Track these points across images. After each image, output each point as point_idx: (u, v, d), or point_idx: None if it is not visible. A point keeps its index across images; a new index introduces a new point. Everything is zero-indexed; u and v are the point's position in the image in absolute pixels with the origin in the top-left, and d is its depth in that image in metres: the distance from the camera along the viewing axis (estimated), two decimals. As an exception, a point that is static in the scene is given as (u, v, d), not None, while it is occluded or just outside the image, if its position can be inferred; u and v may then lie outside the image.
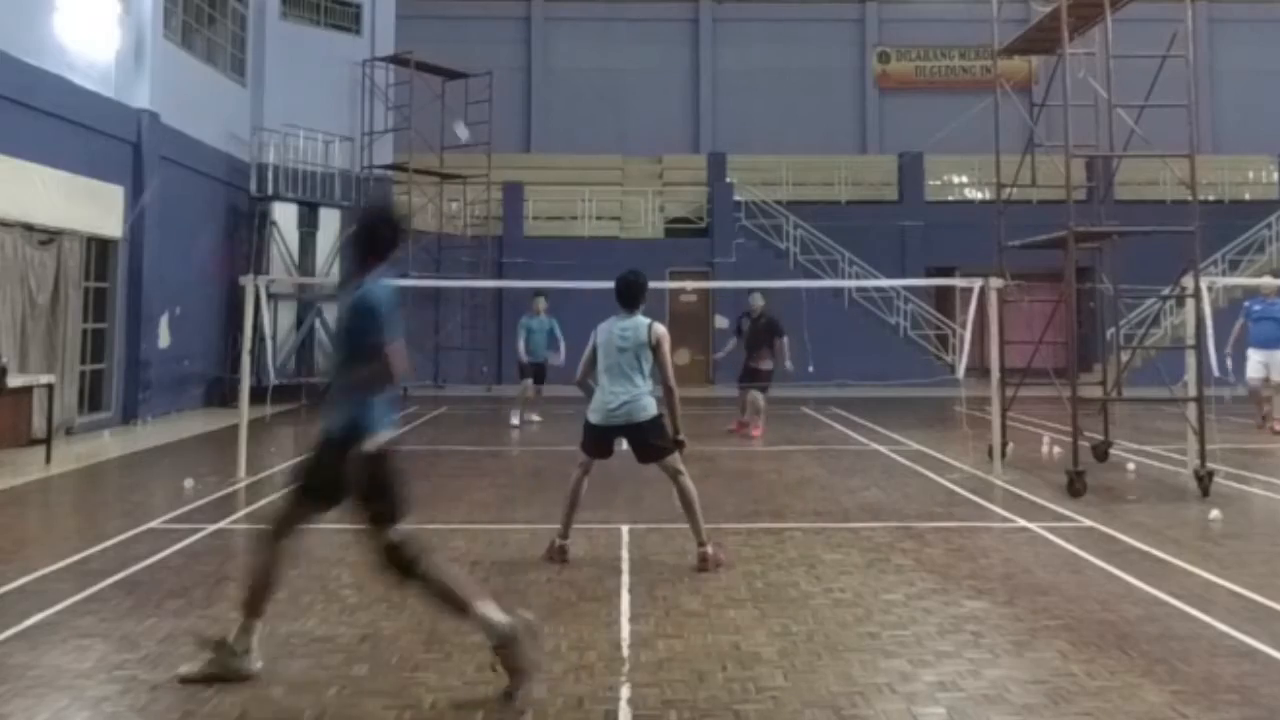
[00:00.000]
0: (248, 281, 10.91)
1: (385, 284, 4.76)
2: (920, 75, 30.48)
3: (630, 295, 7.07)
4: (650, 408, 6.92)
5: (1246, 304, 14.56)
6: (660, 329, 6.99)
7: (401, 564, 4.55)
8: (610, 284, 7.21)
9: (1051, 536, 7.75)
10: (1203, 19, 27.77)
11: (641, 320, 7.02)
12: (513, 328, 24.14)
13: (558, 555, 6.95)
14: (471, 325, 24.74)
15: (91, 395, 14.96)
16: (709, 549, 6.82)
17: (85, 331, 14.58)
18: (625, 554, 7.10)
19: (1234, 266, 24.52)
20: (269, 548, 4.78)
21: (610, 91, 29.58)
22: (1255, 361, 14.12)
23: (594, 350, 7.12)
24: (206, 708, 4.43)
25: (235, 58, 20.22)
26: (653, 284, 7.49)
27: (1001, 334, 11.33)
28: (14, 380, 11.34)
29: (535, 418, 16.26)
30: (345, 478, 4.54)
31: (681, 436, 6.92)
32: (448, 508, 9.02)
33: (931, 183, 27.10)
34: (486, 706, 4.45)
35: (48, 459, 11.38)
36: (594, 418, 6.98)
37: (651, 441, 6.91)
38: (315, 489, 4.74)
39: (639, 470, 7.45)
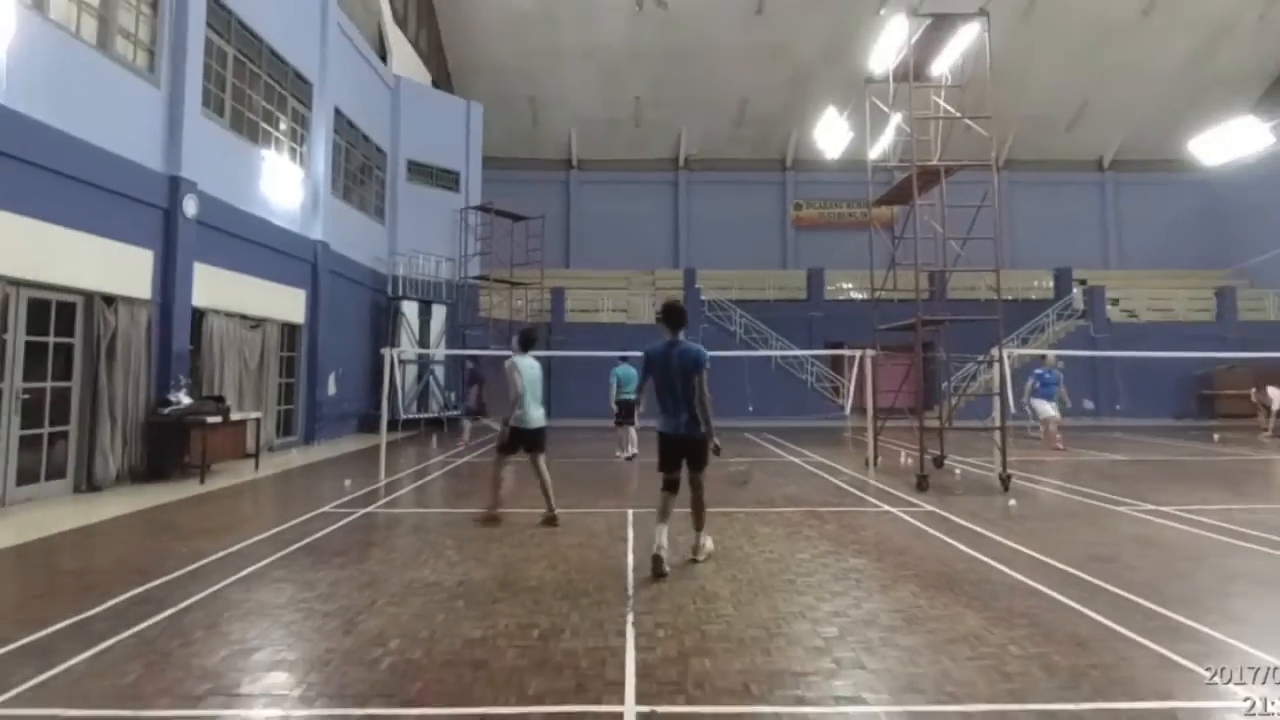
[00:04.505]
0: (386, 352, 11.02)
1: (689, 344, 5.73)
2: (822, 217, 30.66)
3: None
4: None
5: (1038, 371, 14.34)
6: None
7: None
8: (620, 352, 7.06)
9: (906, 517, 7.76)
10: (1005, 181, 28.34)
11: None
12: (562, 383, 24.25)
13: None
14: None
15: (285, 425, 14.95)
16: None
17: (280, 384, 14.65)
18: (630, 530, 7.08)
19: (1024, 342, 24.58)
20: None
21: (621, 227, 29.88)
22: (1048, 408, 14.13)
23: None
24: (359, 627, 4.46)
25: (377, 206, 20.50)
26: (639, 354, 6.51)
27: (875, 385, 11.43)
28: (235, 415, 11.40)
29: (633, 449, 12.45)
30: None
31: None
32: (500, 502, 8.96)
33: (829, 287, 27.11)
34: (540, 628, 4.48)
35: (256, 466, 11.45)
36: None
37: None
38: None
39: (639, 472, 7.45)
